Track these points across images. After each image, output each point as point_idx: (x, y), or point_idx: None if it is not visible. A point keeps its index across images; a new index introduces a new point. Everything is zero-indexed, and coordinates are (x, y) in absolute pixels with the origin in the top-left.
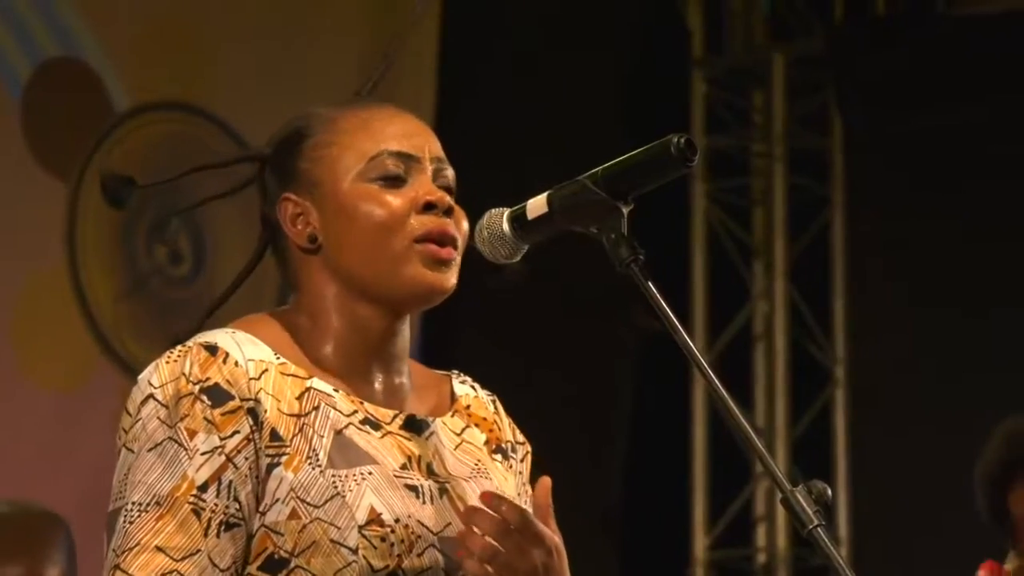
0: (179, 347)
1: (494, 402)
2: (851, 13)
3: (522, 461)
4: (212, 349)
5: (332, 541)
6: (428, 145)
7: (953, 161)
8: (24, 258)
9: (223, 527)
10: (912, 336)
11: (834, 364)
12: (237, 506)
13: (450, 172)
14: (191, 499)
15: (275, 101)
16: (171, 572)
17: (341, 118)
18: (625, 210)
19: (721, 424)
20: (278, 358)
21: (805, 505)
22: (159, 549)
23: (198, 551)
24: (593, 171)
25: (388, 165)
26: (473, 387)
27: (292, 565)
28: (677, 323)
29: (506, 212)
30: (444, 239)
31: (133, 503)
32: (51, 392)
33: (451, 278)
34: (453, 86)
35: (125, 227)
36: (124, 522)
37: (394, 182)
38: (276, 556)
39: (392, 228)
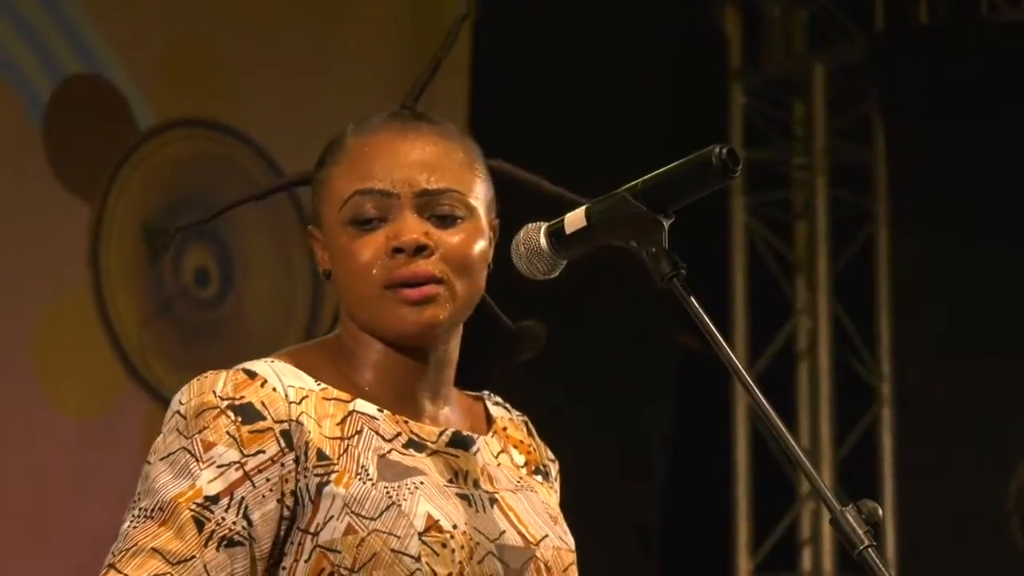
0: (215, 371)
1: (526, 423)
2: (892, 21)
3: (555, 479)
4: (251, 374)
5: (393, 551)
6: (413, 179)
7: (999, 172)
8: (47, 281)
9: (224, 542)
10: (959, 352)
11: (880, 382)
12: (245, 524)
13: (447, 198)
14: (194, 507)
15: (300, 117)
16: (164, 575)
17: (351, 144)
18: (666, 223)
19: (764, 444)
20: (319, 385)
21: (855, 525)
22: (155, 551)
23: (193, 557)
24: (632, 183)
25: (358, 208)
26: (507, 408)
27: None
28: (721, 340)
29: (543, 226)
30: (414, 281)
31: (140, 509)
32: (76, 418)
33: (435, 312)
34: (486, 100)
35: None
36: (128, 527)
37: (367, 225)
38: (335, 575)
39: (362, 276)
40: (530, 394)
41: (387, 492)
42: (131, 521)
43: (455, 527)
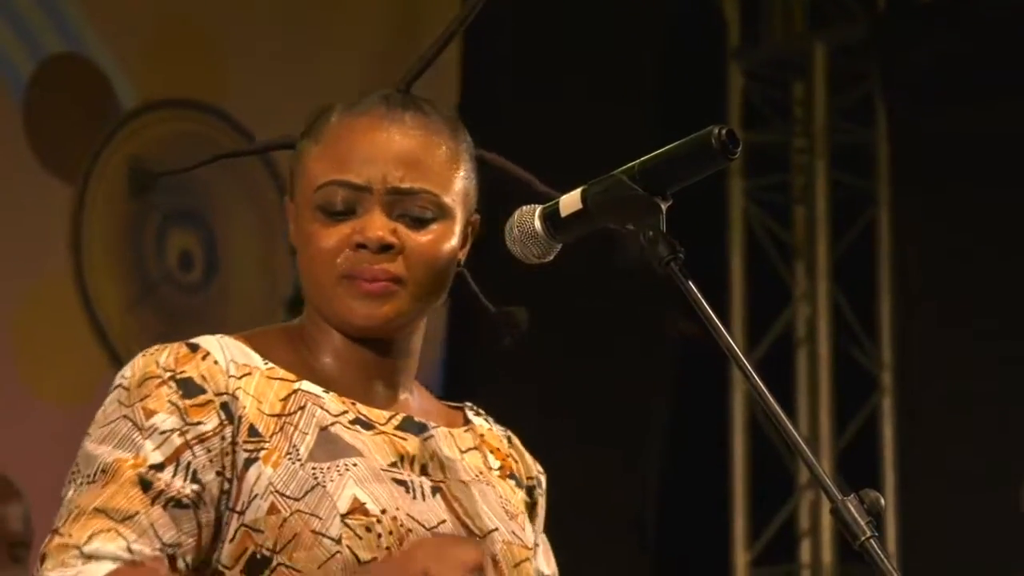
0: (159, 345)
1: (509, 438)
2: None
3: (542, 494)
4: (193, 347)
5: (314, 532)
6: (387, 175)
7: (1004, 155)
8: (27, 265)
9: (172, 503)
10: (962, 339)
11: (881, 370)
12: (195, 487)
13: (420, 199)
14: (140, 471)
15: (285, 98)
16: (109, 530)
17: (335, 123)
18: (663, 206)
19: (762, 434)
20: (266, 364)
21: (857, 515)
22: (98, 510)
23: (137, 513)
24: (629, 165)
25: (330, 197)
26: (487, 420)
27: (275, 563)
28: (719, 325)
29: (538, 209)
30: (372, 278)
31: (83, 477)
32: (57, 405)
33: (388, 310)
34: (477, 78)
35: (133, 231)
36: (70, 495)
37: (337, 216)
38: (258, 555)
39: (322, 263)
40: (528, 389)
41: (314, 473)
42: (73, 490)
43: (384, 512)
